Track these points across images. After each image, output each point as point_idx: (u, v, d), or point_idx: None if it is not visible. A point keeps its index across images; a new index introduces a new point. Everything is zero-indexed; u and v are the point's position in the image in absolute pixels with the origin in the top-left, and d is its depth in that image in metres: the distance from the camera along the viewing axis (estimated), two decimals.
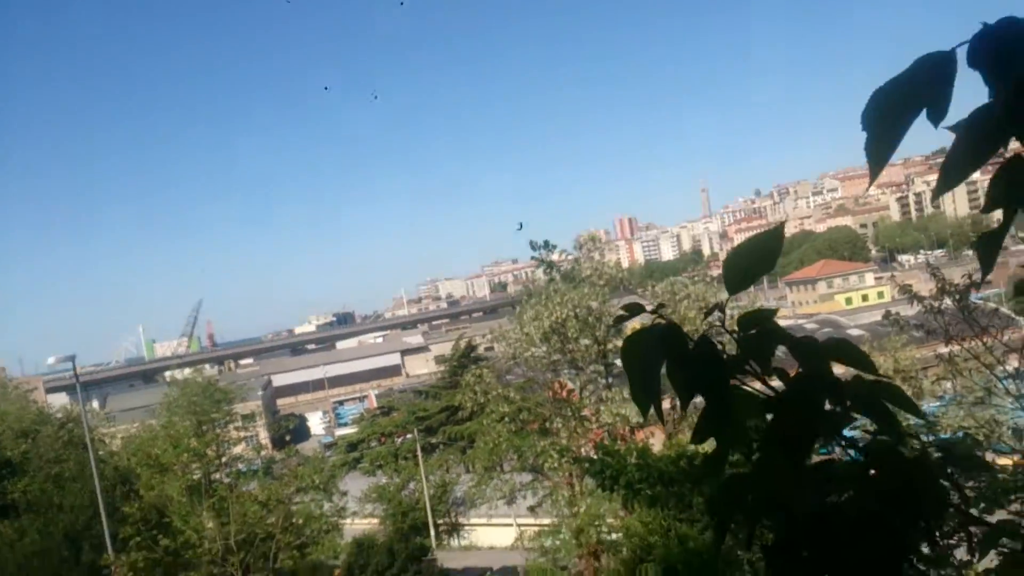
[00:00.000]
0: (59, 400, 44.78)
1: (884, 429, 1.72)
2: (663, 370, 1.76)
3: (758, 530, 1.77)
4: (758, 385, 1.78)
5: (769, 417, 1.72)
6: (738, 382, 1.75)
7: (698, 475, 10.77)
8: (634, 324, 2.14)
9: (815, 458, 1.79)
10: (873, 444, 1.74)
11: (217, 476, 26.13)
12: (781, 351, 1.79)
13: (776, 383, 1.76)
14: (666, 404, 21.13)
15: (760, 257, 1.78)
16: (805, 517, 1.68)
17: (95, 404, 47.85)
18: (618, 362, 27.06)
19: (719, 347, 1.75)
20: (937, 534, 1.94)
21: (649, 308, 1.94)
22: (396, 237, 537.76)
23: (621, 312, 1.99)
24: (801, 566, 1.70)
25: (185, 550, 23.35)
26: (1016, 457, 9.52)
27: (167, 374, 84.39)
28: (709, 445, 1.89)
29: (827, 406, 1.70)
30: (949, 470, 1.92)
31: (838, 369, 1.76)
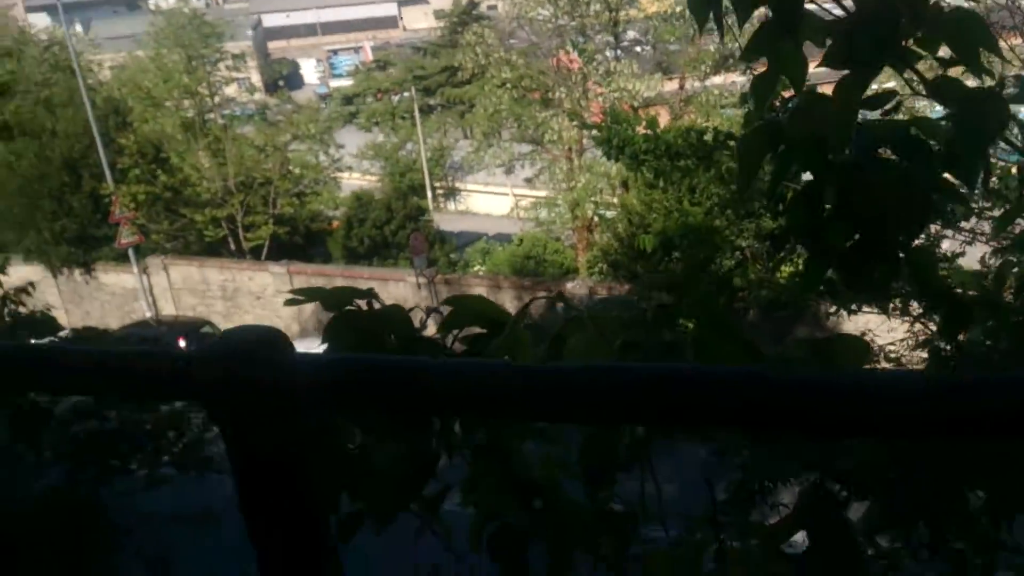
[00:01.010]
0: (40, 20, 42.36)
1: (963, 61, 1.54)
2: None
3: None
4: None
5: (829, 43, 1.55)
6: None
7: (712, 146, 10.50)
8: None
9: None
10: (941, 81, 1.55)
11: (211, 116, 25.66)
12: None
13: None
14: (674, 85, 20.33)
15: None
16: (842, 164, 1.58)
17: (79, 28, 45.64)
18: (630, 34, 25.72)
19: None
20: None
21: None
22: None
23: None
24: (822, 216, 1.65)
25: (184, 187, 23.56)
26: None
27: (151, 1, 79.94)
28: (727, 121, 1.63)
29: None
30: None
31: None
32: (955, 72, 1.59)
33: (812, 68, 1.59)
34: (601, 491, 1.48)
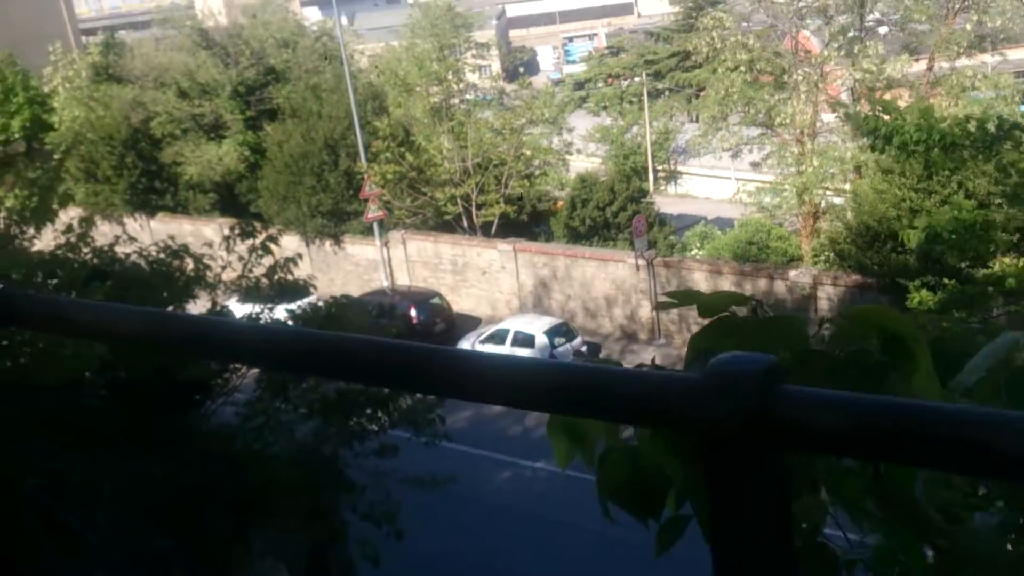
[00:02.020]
0: (312, 14, 47.08)
1: None
2: None
3: None
4: None
5: None
6: None
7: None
8: None
9: None
10: None
11: (455, 101, 27.47)
12: None
13: None
14: (920, 66, 19.06)
15: None
16: None
17: (344, 20, 50.19)
18: (874, 14, 24.52)
19: None
20: None
21: None
22: None
23: None
24: None
25: (428, 167, 25.50)
26: None
27: None
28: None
29: None
30: None
31: None
32: None
33: None
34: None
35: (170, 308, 9.59)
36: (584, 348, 21.26)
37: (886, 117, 9.96)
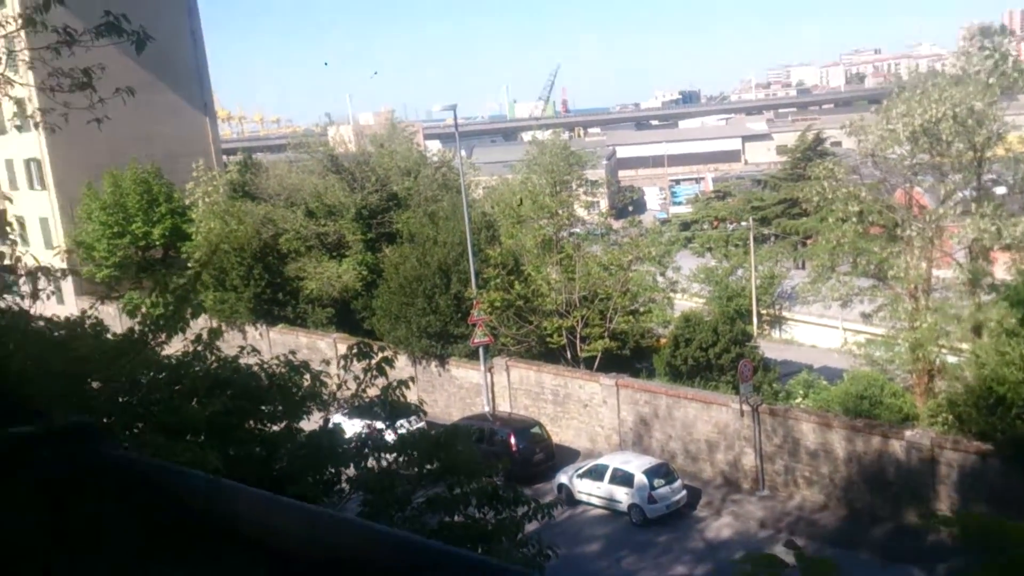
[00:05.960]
0: (434, 146, 49.86)
1: None
2: None
3: None
4: None
5: None
6: None
7: None
8: None
9: None
10: None
11: (564, 235, 28.28)
12: None
13: None
14: None
15: None
16: None
17: (463, 153, 53.03)
18: (991, 175, 24.21)
19: None
20: None
21: None
22: (746, 16, 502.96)
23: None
24: None
25: (535, 297, 26.09)
26: None
27: (526, 135, 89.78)
28: None
29: None
30: None
31: None
32: None
33: None
34: None
35: (283, 424, 9.86)
36: (684, 492, 20.76)
37: None
